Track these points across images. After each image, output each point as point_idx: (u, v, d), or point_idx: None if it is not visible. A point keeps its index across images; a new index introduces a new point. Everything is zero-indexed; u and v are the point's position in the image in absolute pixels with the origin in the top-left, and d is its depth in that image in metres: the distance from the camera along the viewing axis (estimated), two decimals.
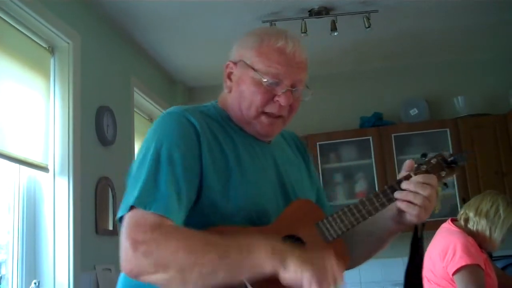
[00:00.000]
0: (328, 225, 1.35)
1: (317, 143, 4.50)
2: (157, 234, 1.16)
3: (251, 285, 1.17)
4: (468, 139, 4.40)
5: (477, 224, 2.72)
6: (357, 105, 4.75)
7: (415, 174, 1.36)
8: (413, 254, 1.48)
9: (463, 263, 2.57)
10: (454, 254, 2.59)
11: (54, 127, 3.00)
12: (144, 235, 1.16)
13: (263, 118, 1.39)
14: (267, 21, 3.71)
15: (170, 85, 4.83)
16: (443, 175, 1.41)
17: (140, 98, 4.13)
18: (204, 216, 1.27)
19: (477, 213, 2.74)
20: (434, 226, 2.99)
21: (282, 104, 1.37)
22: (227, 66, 1.45)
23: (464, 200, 3.94)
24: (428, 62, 4.84)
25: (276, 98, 1.37)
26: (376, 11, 3.65)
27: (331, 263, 1.18)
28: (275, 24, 3.71)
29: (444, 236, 2.75)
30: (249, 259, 1.16)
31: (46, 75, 3.01)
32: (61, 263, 2.86)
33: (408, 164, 1.40)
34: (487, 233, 2.70)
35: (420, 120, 4.60)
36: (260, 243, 1.18)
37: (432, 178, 1.35)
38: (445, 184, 1.43)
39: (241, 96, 1.39)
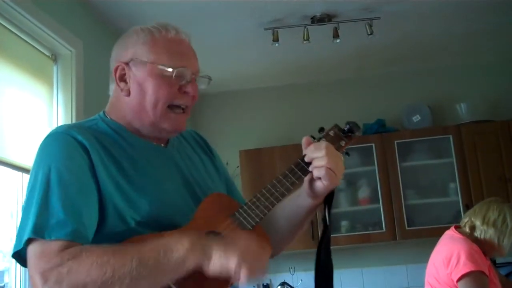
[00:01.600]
0: (244, 214, 1.31)
1: None
2: (65, 257, 1.09)
3: (177, 285, 1.14)
4: (471, 146, 4.39)
5: (485, 233, 2.72)
6: (359, 112, 4.75)
7: None
8: (324, 232, 1.42)
9: (468, 270, 2.57)
10: (458, 261, 2.59)
11: None
12: (50, 263, 1.09)
13: (171, 115, 1.34)
14: (269, 28, 3.71)
15: None
16: (342, 144, 1.43)
17: None
18: (116, 233, 1.20)
19: (485, 222, 2.74)
20: (437, 233, 2.99)
21: (191, 93, 1.34)
22: (116, 69, 1.37)
23: (467, 207, 3.93)
24: (431, 68, 4.84)
25: (184, 89, 1.34)
26: (378, 17, 3.66)
27: (254, 243, 1.17)
28: (277, 32, 3.72)
29: (448, 243, 2.74)
30: (169, 260, 1.11)
31: (49, 83, 3.02)
32: None
33: (305, 140, 1.38)
34: (495, 241, 2.71)
35: (422, 127, 4.60)
36: (177, 241, 1.14)
37: (323, 143, 1.35)
38: (347, 153, 1.45)
39: (144, 95, 1.32)
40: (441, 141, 4.52)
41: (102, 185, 1.23)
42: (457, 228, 2.82)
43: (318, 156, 1.32)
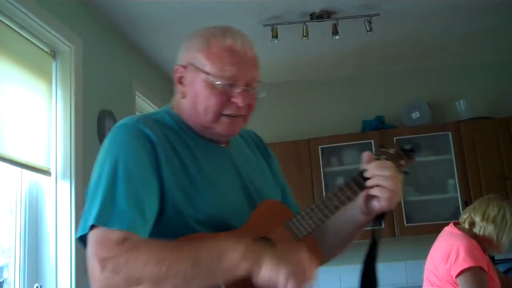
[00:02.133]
0: (297, 223, 1.33)
1: (319, 147, 4.50)
2: (124, 249, 1.13)
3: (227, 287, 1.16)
4: (470, 143, 4.40)
5: (484, 229, 2.73)
6: (359, 109, 4.76)
7: None
8: (369, 255, 1.44)
9: (467, 266, 2.57)
10: (457, 257, 2.59)
11: (56, 131, 3.00)
12: (110, 252, 1.13)
13: (223, 119, 1.35)
14: (268, 25, 3.71)
15: (172, 89, 4.82)
16: (402, 163, 1.42)
17: (142, 102, 4.14)
18: (171, 228, 1.23)
19: (484, 218, 2.74)
20: (436, 229, 3.00)
21: (240, 105, 1.33)
22: (176, 71, 1.41)
23: (466, 203, 3.94)
24: (430, 66, 4.84)
25: (233, 99, 1.33)
26: (378, 14, 3.66)
27: (305, 258, 1.17)
28: (276, 28, 3.72)
29: (447, 239, 2.75)
30: (222, 263, 1.13)
31: (48, 79, 3.02)
32: (63, 266, 2.86)
33: (367, 156, 1.37)
34: (494, 238, 2.72)
35: (422, 124, 4.60)
36: (232, 246, 1.15)
37: (388, 163, 1.34)
38: (406, 172, 1.43)
39: (196, 100, 1.35)
40: (440, 138, 4.53)
41: (165, 180, 1.25)
42: (456, 224, 2.83)
43: (383, 175, 1.31)
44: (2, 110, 2.60)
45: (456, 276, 2.58)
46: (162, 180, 1.25)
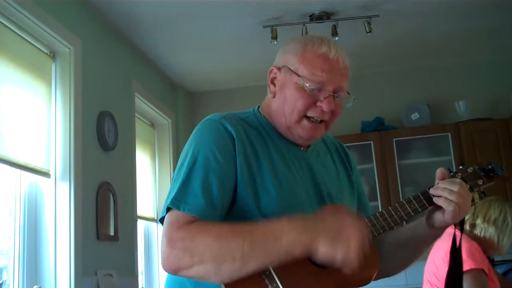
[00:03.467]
0: (368, 223, 1.36)
1: None
2: (191, 230, 1.23)
3: (276, 271, 1.21)
4: (470, 144, 4.39)
5: (485, 231, 2.72)
6: (358, 110, 4.72)
7: None
8: (452, 262, 1.53)
9: (468, 267, 2.56)
10: None
11: (56, 133, 3.00)
12: (178, 232, 1.23)
13: (305, 122, 1.41)
14: (268, 26, 3.71)
15: (171, 90, 4.84)
16: (480, 183, 1.44)
17: (141, 103, 4.14)
18: (239, 220, 1.30)
19: (485, 220, 2.74)
20: None
21: (324, 109, 1.40)
22: (270, 71, 1.48)
23: None
24: (430, 67, 4.83)
25: (319, 103, 1.40)
26: (377, 15, 3.66)
27: (361, 238, 1.22)
28: (276, 29, 3.72)
29: (448, 241, 2.73)
30: (278, 246, 1.20)
31: (47, 81, 3.01)
32: (62, 268, 2.85)
33: (440, 172, 1.43)
34: (495, 240, 2.71)
35: (421, 125, 4.60)
36: (289, 226, 1.22)
37: (458, 180, 1.39)
38: (483, 192, 1.44)
39: (285, 101, 1.42)
40: (439, 139, 4.53)
41: (239, 176, 1.33)
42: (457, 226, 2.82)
43: (450, 189, 1.36)
44: (1, 112, 2.60)
45: None
46: (237, 174, 1.33)
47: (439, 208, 1.38)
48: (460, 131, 4.44)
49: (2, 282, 2.67)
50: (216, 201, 1.29)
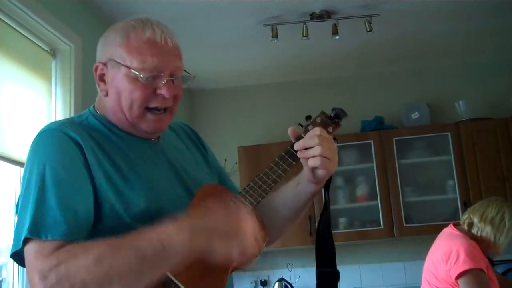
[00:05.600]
0: (243, 199, 1.33)
1: None
2: (61, 257, 1.09)
3: (175, 276, 1.15)
4: (470, 143, 4.40)
5: (482, 230, 2.73)
6: (358, 109, 4.75)
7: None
8: (324, 209, 1.48)
9: (467, 267, 2.57)
10: (457, 258, 2.59)
11: None
12: (48, 263, 1.08)
13: (149, 115, 1.32)
14: (268, 25, 3.71)
15: None
16: (330, 130, 1.43)
17: None
18: (112, 229, 1.18)
19: (482, 219, 2.74)
20: (435, 230, 3.00)
21: (166, 96, 1.31)
22: (96, 69, 1.37)
23: (465, 204, 3.94)
24: (430, 66, 4.84)
25: (158, 91, 1.30)
26: (378, 15, 3.66)
27: (252, 229, 1.18)
28: (276, 28, 3.72)
29: (447, 240, 2.75)
30: (169, 253, 1.11)
31: (48, 78, 3.01)
32: None
33: (292, 131, 1.39)
34: (492, 240, 2.71)
35: (421, 124, 4.60)
36: (175, 233, 1.12)
37: (316, 130, 1.36)
38: (335, 138, 1.43)
39: (120, 96, 1.31)
40: (439, 138, 4.53)
41: (97, 182, 1.22)
42: (456, 225, 2.83)
43: (310, 146, 1.33)
44: (1, 109, 2.60)
45: (456, 278, 2.58)
46: (94, 182, 1.22)
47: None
48: (460, 130, 4.44)
49: (2, 280, 2.67)
50: (79, 216, 1.16)
